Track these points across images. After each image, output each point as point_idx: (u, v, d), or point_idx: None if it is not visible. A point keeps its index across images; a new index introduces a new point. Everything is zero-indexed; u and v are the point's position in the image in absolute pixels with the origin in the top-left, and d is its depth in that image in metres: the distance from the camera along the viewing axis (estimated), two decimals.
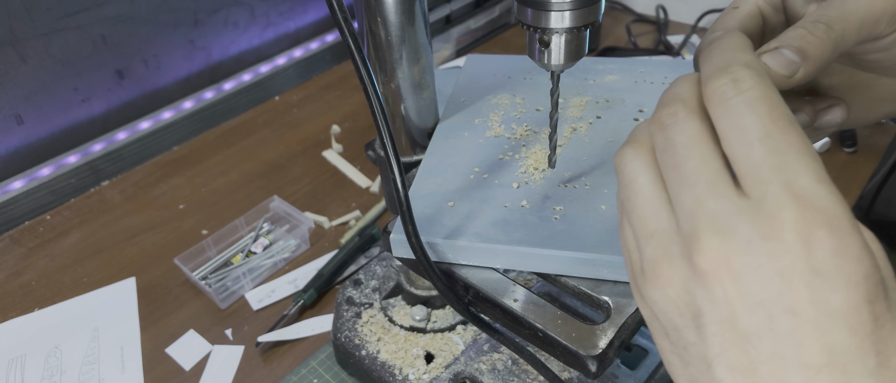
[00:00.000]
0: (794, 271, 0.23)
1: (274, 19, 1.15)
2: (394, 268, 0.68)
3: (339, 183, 0.93)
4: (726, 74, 0.26)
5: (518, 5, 0.39)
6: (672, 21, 1.25)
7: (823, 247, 0.23)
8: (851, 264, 0.23)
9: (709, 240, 0.25)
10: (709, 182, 0.26)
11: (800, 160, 0.24)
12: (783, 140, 0.25)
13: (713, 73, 0.27)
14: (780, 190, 0.24)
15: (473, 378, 0.58)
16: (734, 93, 0.26)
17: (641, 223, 0.28)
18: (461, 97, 0.57)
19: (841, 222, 0.23)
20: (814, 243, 0.23)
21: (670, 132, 0.27)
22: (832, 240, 0.23)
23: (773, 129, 0.25)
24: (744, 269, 0.24)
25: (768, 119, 0.25)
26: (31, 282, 0.81)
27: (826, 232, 0.23)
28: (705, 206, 0.25)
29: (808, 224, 0.23)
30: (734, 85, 0.26)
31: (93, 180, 0.96)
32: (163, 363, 0.70)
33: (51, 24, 0.88)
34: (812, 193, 0.24)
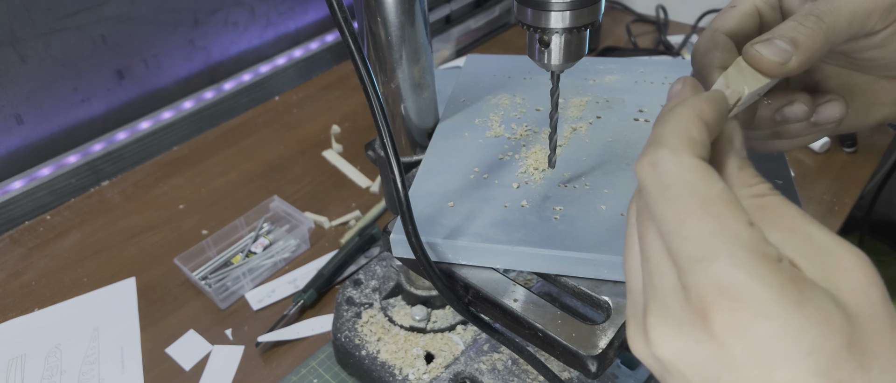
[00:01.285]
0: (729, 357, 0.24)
1: (274, 19, 1.15)
2: (394, 268, 0.68)
3: (339, 183, 0.93)
4: (646, 156, 0.26)
5: (518, 5, 0.39)
6: (672, 21, 1.25)
7: (755, 336, 0.23)
8: (788, 344, 0.23)
9: (653, 317, 0.26)
10: (658, 256, 0.26)
11: (716, 245, 0.24)
12: (697, 226, 0.24)
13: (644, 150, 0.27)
14: (700, 281, 0.24)
15: (473, 378, 0.58)
16: (651, 176, 0.26)
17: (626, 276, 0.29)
18: (461, 97, 0.57)
19: (769, 307, 0.23)
20: (743, 333, 0.23)
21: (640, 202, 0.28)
22: (762, 327, 0.23)
23: (685, 216, 0.24)
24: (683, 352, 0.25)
25: (680, 205, 0.25)
26: (31, 282, 0.81)
27: (752, 319, 0.23)
28: (652, 283, 0.26)
29: (731, 314, 0.23)
30: (651, 168, 0.26)
31: (93, 180, 0.96)
32: (163, 363, 0.70)
33: (51, 24, 0.88)
34: (730, 281, 0.23)
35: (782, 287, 0.23)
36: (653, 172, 0.26)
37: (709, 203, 0.24)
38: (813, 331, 0.23)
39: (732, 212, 0.24)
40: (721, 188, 0.25)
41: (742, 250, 0.23)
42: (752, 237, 0.24)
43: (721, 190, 0.25)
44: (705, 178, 0.25)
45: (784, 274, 0.23)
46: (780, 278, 0.23)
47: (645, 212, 0.27)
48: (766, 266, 0.23)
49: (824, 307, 0.23)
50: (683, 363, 0.25)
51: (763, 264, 0.23)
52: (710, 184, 0.25)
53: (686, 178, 0.25)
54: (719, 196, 0.25)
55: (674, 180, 0.25)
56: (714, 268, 0.23)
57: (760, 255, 0.23)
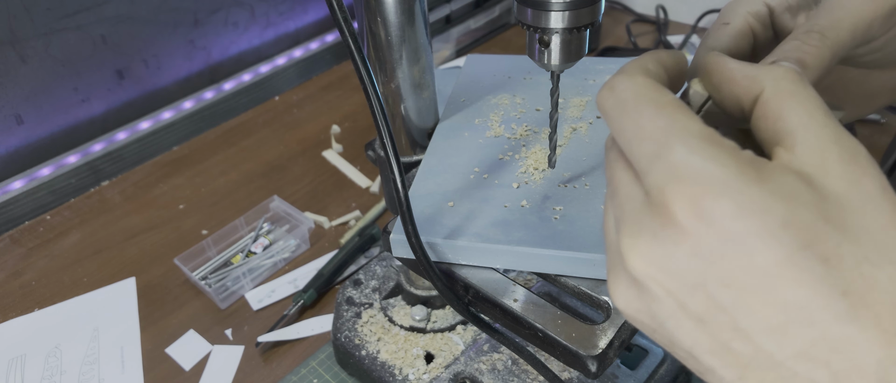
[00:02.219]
0: (704, 248, 0.23)
1: (274, 19, 1.15)
2: (394, 268, 0.68)
3: (339, 183, 0.93)
4: (605, 86, 0.27)
5: (518, 5, 0.39)
6: (672, 21, 1.25)
7: (720, 217, 0.22)
8: (757, 220, 0.22)
9: (627, 242, 0.25)
10: (625, 184, 0.26)
11: (669, 137, 0.24)
12: (651, 125, 0.25)
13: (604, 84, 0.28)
14: (659, 176, 0.24)
15: (473, 378, 0.58)
16: (609, 99, 0.27)
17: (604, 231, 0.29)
18: (461, 97, 0.57)
19: (727, 184, 0.22)
20: (707, 217, 0.22)
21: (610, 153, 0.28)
22: (724, 205, 0.22)
23: (640, 120, 0.25)
24: (662, 261, 0.24)
25: (634, 114, 0.25)
26: (31, 281, 0.81)
27: (713, 200, 0.22)
28: (623, 211, 0.26)
29: (692, 201, 0.23)
30: (609, 91, 0.27)
31: (93, 180, 0.96)
32: (163, 363, 0.70)
33: (51, 24, 0.88)
34: (686, 166, 0.23)
35: (739, 166, 0.23)
36: (610, 95, 0.27)
37: (662, 106, 0.25)
38: (780, 205, 0.22)
39: (684, 111, 0.25)
40: (672, 98, 0.26)
41: (693, 138, 0.24)
42: (704, 129, 0.24)
43: (672, 98, 0.25)
44: (657, 89, 0.26)
45: (741, 156, 0.23)
46: (736, 159, 0.23)
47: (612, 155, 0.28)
48: (721, 149, 0.23)
49: (789, 182, 0.23)
50: (666, 275, 0.24)
51: (717, 148, 0.23)
52: (661, 92, 0.26)
53: (640, 90, 0.26)
54: (671, 102, 0.25)
55: (629, 95, 0.26)
56: (668, 157, 0.24)
57: (714, 142, 0.23)
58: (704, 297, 0.23)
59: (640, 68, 0.28)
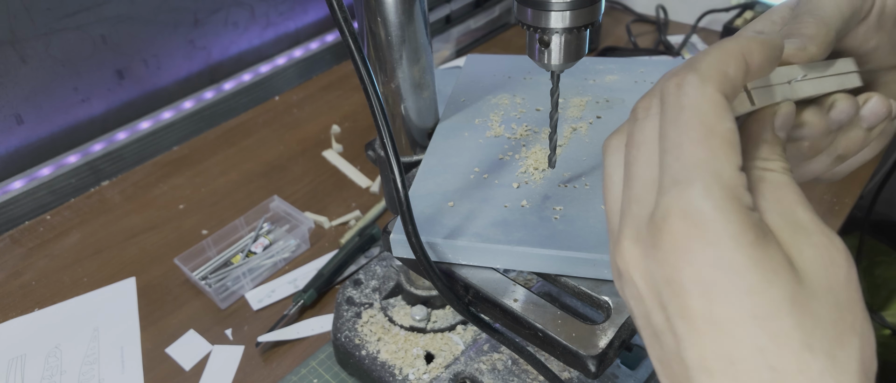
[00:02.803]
0: (676, 280, 0.24)
1: (274, 19, 1.15)
2: (394, 268, 0.68)
3: (339, 183, 0.93)
4: (676, 76, 0.27)
5: (518, 5, 0.39)
6: (672, 21, 1.25)
7: (700, 261, 0.24)
8: (728, 278, 0.23)
9: (623, 242, 0.27)
10: (642, 186, 0.27)
11: (697, 173, 0.24)
12: (689, 151, 0.25)
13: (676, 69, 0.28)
14: (670, 202, 0.25)
15: (473, 378, 0.58)
16: (673, 95, 0.26)
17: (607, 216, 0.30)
18: (461, 97, 0.57)
19: (720, 236, 0.24)
20: (690, 255, 0.24)
21: (635, 127, 0.28)
22: (708, 254, 0.24)
23: (683, 140, 0.25)
24: (644, 272, 0.26)
25: (685, 128, 0.25)
26: (31, 282, 0.81)
27: (701, 246, 0.24)
28: (631, 209, 0.27)
29: (684, 236, 0.24)
30: (676, 88, 0.27)
31: (93, 180, 0.96)
32: (163, 363, 0.70)
33: (51, 24, 0.88)
34: (696, 206, 0.24)
35: (742, 226, 0.24)
36: (676, 92, 0.26)
37: (710, 136, 0.25)
38: (757, 274, 0.23)
39: (727, 151, 0.25)
40: (728, 127, 0.25)
41: (718, 185, 0.24)
42: (733, 178, 0.25)
43: (728, 129, 0.25)
44: (718, 114, 0.25)
45: (749, 218, 0.24)
46: (743, 219, 0.24)
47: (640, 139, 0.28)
48: (734, 206, 0.24)
49: (776, 258, 0.24)
50: (644, 283, 0.26)
51: (731, 203, 0.24)
52: (720, 120, 0.25)
53: (701, 107, 0.26)
54: (723, 134, 0.25)
55: (689, 105, 0.26)
56: (686, 192, 0.24)
57: (733, 197, 0.24)
58: (664, 319, 0.25)
59: (718, 74, 0.27)
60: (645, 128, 0.28)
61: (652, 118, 0.28)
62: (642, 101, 0.29)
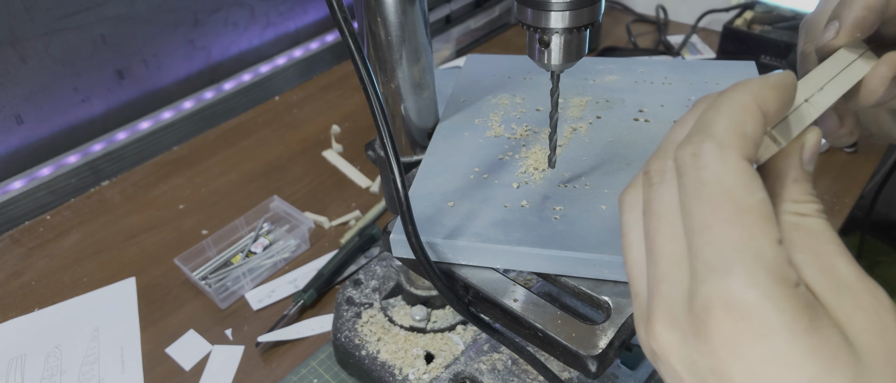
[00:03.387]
0: (726, 374, 0.23)
1: (274, 19, 1.15)
2: (394, 268, 0.68)
3: (339, 183, 0.93)
4: (690, 144, 0.25)
5: (518, 5, 0.39)
6: (672, 21, 1.25)
7: (753, 357, 0.22)
8: (786, 373, 0.22)
9: (657, 326, 0.25)
10: (668, 262, 0.25)
11: (736, 258, 0.23)
12: (722, 233, 0.23)
13: (689, 135, 0.25)
14: (711, 293, 0.23)
15: (473, 378, 0.58)
16: (690, 168, 0.25)
17: (629, 279, 0.28)
18: (461, 97, 0.57)
19: (773, 329, 0.22)
20: (740, 350, 0.22)
21: (652, 194, 0.26)
22: (760, 348, 0.22)
23: (712, 220, 0.23)
24: (684, 360, 0.24)
25: (710, 207, 0.23)
26: (31, 282, 0.81)
27: (752, 340, 0.22)
28: (660, 289, 0.25)
29: (733, 331, 0.22)
30: (693, 159, 0.25)
31: (93, 180, 0.96)
32: (163, 363, 0.70)
33: (51, 24, 0.88)
34: (741, 297, 0.22)
35: (795, 313, 0.22)
36: (693, 164, 0.24)
37: (742, 213, 0.23)
38: (816, 365, 0.22)
39: (763, 227, 0.23)
40: (760, 199, 0.23)
41: (761, 269, 0.22)
42: (776, 258, 0.23)
43: (759, 201, 0.23)
44: (746, 185, 0.24)
45: (799, 299, 0.22)
46: (793, 304, 0.22)
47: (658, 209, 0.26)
48: (782, 289, 0.22)
49: (833, 341, 0.22)
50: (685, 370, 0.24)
51: (779, 287, 0.22)
52: (749, 192, 0.23)
53: (726, 181, 0.24)
54: (755, 207, 0.23)
55: (712, 179, 0.24)
56: (727, 280, 0.23)
57: (779, 278, 0.22)
58: None
59: (737, 137, 0.24)
60: (663, 197, 0.26)
61: (668, 185, 0.26)
62: (655, 162, 0.27)
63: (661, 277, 0.25)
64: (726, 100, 0.25)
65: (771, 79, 0.26)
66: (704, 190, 0.24)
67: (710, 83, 0.55)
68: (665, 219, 0.26)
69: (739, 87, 0.26)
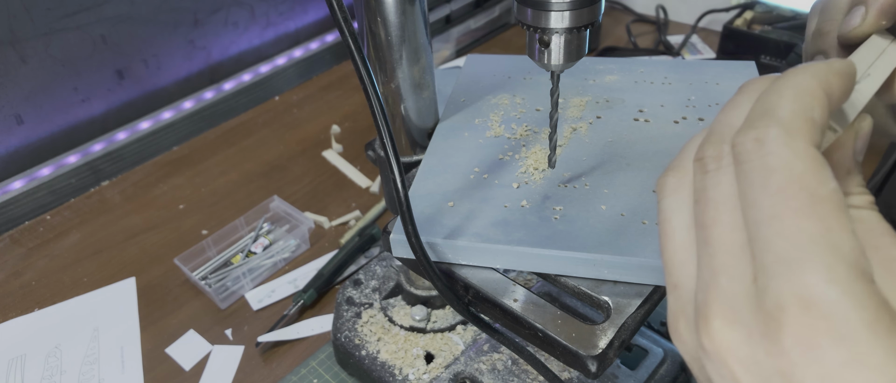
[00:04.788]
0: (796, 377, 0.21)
1: (274, 19, 1.15)
2: (394, 268, 0.68)
3: (339, 183, 0.93)
4: (753, 129, 0.23)
5: (518, 5, 0.39)
6: (672, 21, 1.25)
7: (830, 361, 0.20)
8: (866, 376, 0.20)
9: (715, 321, 0.23)
10: (728, 254, 0.23)
11: (812, 251, 0.21)
12: (794, 224, 0.21)
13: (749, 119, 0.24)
14: (783, 286, 0.21)
15: (473, 378, 0.58)
16: (754, 154, 0.23)
17: (667, 268, 0.26)
18: (461, 97, 0.57)
19: (853, 330, 0.20)
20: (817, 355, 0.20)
21: (707, 181, 0.25)
22: (840, 351, 0.20)
23: (783, 210, 0.22)
24: (745, 360, 0.22)
25: (780, 196, 0.22)
26: (31, 282, 0.81)
27: (831, 342, 0.20)
28: (718, 283, 0.23)
29: (809, 331, 0.21)
30: (757, 145, 0.23)
31: (93, 180, 0.96)
32: (163, 363, 0.70)
33: (51, 24, 0.88)
34: (819, 295, 0.20)
35: (877, 311, 0.20)
36: (757, 150, 0.23)
37: (817, 202, 0.21)
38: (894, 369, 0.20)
39: (840, 218, 0.21)
40: (833, 188, 0.22)
41: (841, 263, 0.21)
42: (854, 250, 0.21)
43: (833, 190, 0.22)
44: (818, 174, 0.22)
45: (879, 298, 0.21)
46: (875, 301, 0.20)
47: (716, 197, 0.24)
48: (864, 286, 0.20)
49: None
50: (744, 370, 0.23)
51: (861, 283, 0.20)
52: (822, 181, 0.22)
53: (797, 169, 0.22)
54: (830, 197, 0.21)
55: (781, 166, 0.22)
56: (804, 276, 0.21)
57: (859, 273, 0.21)
58: None
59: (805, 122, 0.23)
60: (721, 184, 0.24)
61: (726, 171, 0.24)
62: (710, 148, 0.25)
63: (719, 269, 0.23)
64: (790, 84, 0.24)
65: (835, 65, 0.25)
66: (772, 178, 0.22)
67: (710, 83, 0.55)
68: (723, 206, 0.24)
69: (804, 69, 0.24)
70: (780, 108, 0.23)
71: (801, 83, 0.24)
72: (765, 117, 0.23)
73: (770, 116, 0.23)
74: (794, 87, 0.24)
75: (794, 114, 0.23)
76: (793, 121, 0.23)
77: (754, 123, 0.23)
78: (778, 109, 0.23)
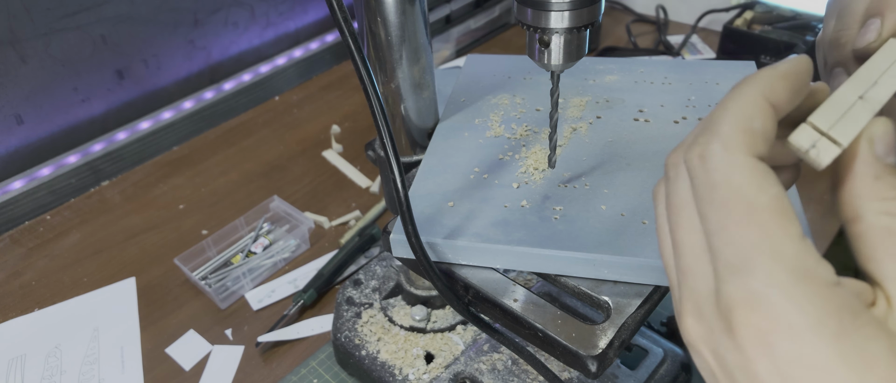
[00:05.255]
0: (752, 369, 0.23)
1: (274, 19, 1.15)
2: (394, 268, 0.68)
3: (339, 183, 0.93)
4: (697, 146, 0.24)
5: (518, 5, 0.39)
6: (672, 21, 1.25)
7: (781, 356, 0.22)
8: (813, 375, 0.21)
9: (686, 318, 0.26)
10: (692, 255, 0.25)
11: (756, 257, 0.22)
12: (737, 234, 0.23)
13: (695, 134, 0.25)
14: (733, 293, 0.23)
15: (473, 378, 0.58)
16: (699, 170, 0.24)
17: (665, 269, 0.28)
18: (461, 97, 0.57)
19: (799, 331, 0.21)
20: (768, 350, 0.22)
21: (670, 187, 0.26)
22: (790, 349, 0.21)
23: (726, 222, 0.23)
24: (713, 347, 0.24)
25: (723, 209, 0.23)
26: (31, 282, 0.81)
27: (780, 340, 0.22)
28: (687, 282, 0.25)
29: (757, 330, 0.22)
30: (700, 161, 0.24)
31: (93, 180, 0.96)
32: (163, 363, 0.70)
33: (51, 24, 0.88)
34: (764, 299, 0.22)
35: (823, 314, 0.21)
36: (701, 166, 0.24)
37: (754, 212, 0.23)
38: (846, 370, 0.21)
39: (780, 223, 0.22)
40: (773, 195, 0.23)
41: (781, 267, 0.22)
42: (799, 254, 0.22)
43: (773, 197, 0.23)
44: (757, 183, 0.23)
45: (831, 301, 0.21)
46: (821, 304, 0.21)
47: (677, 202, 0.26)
48: (807, 288, 0.22)
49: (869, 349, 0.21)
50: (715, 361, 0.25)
51: (803, 285, 0.22)
52: (760, 189, 0.23)
53: (735, 181, 0.23)
54: (769, 205, 0.23)
55: (721, 180, 0.23)
56: (747, 280, 0.22)
57: (803, 275, 0.22)
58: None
59: (743, 134, 0.24)
60: (679, 191, 0.26)
61: (683, 178, 0.26)
62: (672, 156, 0.27)
63: (686, 270, 0.25)
64: (732, 97, 0.25)
65: (780, 67, 0.25)
66: (715, 192, 0.24)
67: (710, 83, 0.55)
68: (683, 210, 0.26)
69: (746, 80, 0.25)
70: (721, 123, 0.24)
71: (742, 95, 0.25)
72: (706, 132, 0.25)
73: (711, 132, 0.24)
74: (737, 98, 0.25)
75: (731, 128, 0.24)
76: (731, 134, 0.24)
77: (698, 139, 0.25)
78: (719, 124, 0.24)
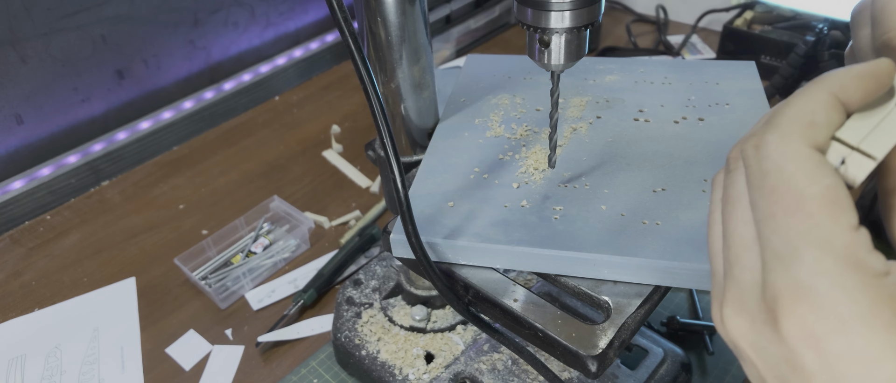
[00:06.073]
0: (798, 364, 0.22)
1: (274, 19, 1.15)
2: (394, 268, 0.68)
3: (339, 183, 0.93)
4: (754, 136, 0.25)
5: (518, 5, 0.39)
6: (672, 21, 1.25)
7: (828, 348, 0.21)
8: (862, 368, 0.21)
9: (726, 309, 0.25)
10: (741, 246, 0.25)
11: (803, 245, 0.22)
12: (785, 223, 0.23)
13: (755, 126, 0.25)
14: (778, 282, 0.22)
15: (473, 378, 0.58)
16: (753, 160, 0.24)
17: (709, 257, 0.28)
18: (461, 97, 0.57)
19: (847, 323, 0.21)
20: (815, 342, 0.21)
21: (728, 179, 0.26)
22: (837, 341, 0.21)
23: (775, 210, 0.23)
24: (755, 345, 0.24)
25: (773, 197, 0.23)
26: (31, 282, 0.81)
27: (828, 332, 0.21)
28: (732, 273, 0.25)
29: (803, 321, 0.22)
30: (754, 150, 0.24)
31: (93, 180, 0.96)
32: (163, 363, 0.70)
33: (51, 24, 0.88)
34: (810, 288, 0.22)
35: (873, 305, 0.21)
36: (755, 155, 0.24)
37: (803, 200, 0.22)
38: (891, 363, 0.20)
39: (830, 213, 0.22)
40: (826, 185, 0.23)
41: (829, 256, 0.22)
42: (848, 244, 0.22)
43: (825, 187, 0.23)
44: (809, 173, 0.23)
45: (881, 290, 0.21)
46: (872, 294, 0.21)
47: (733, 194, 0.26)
48: (857, 277, 0.21)
49: None
50: (756, 355, 0.24)
51: (853, 275, 0.21)
52: (812, 179, 0.23)
53: (786, 169, 0.23)
54: (819, 194, 0.22)
55: (772, 169, 0.23)
56: (794, 269, 0.22)
57: (853, 265, 0.21)
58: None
59: (802, 125, 0.24)
60: (736, 183, 0.26)
61: (740, 171, 0.26)
62: (733, 150, 0.27)
63: (733, 261, 0.25)
64: (799, 92, 0.25)
65: (856, 68, 0.25)
66: (766, 180, 0.24)
67: (710, 83, 0.55)
68: (738, 202, 0.26)
69: (819, 78, 0.25)
70: (781, 115, 0.24)
71: (809, 90, 0.25)
72: (766, 124, 0.25)
73: (770, 123, 0.25)
74: (803, 93, 0.25)
75: (790, 120, 0.24)
76: (788, 125, 0.24)
77: (756, 131, 0.25)
78: (780, 116, 0.24)
